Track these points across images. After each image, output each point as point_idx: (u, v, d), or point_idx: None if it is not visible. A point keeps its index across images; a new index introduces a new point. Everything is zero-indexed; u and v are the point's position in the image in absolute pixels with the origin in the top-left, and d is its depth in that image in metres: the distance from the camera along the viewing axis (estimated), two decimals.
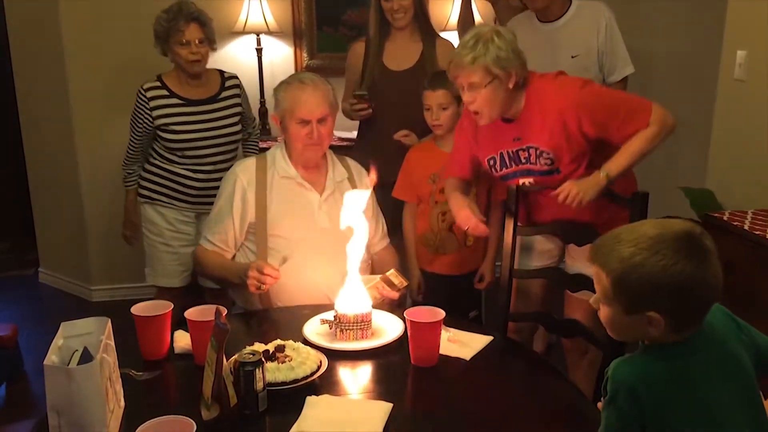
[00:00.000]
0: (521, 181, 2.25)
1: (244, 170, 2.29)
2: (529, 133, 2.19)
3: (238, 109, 2.97)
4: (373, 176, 2.18)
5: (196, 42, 2.78)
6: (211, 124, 2.89)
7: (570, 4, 2.72)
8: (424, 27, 2.91)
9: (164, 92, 2.85)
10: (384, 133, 2.85)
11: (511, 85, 2.12)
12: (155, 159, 2.94)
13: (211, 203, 2.38)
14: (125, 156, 2.98)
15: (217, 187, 2.37)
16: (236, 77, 3.02)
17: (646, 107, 2.13)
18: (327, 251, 2.12)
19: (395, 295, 2.08)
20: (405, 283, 2.11)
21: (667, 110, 2.14)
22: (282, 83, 2.32)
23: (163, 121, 2.83)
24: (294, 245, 2.21)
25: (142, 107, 2.84)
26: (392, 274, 2.10)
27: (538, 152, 2.19)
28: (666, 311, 1.21)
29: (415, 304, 2.30)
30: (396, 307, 2.09)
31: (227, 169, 2.41)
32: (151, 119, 2.83)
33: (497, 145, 2.27)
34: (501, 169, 2.29)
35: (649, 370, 1.24)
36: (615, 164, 2.10)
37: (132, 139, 2.93)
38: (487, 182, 2.62)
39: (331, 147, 2.39)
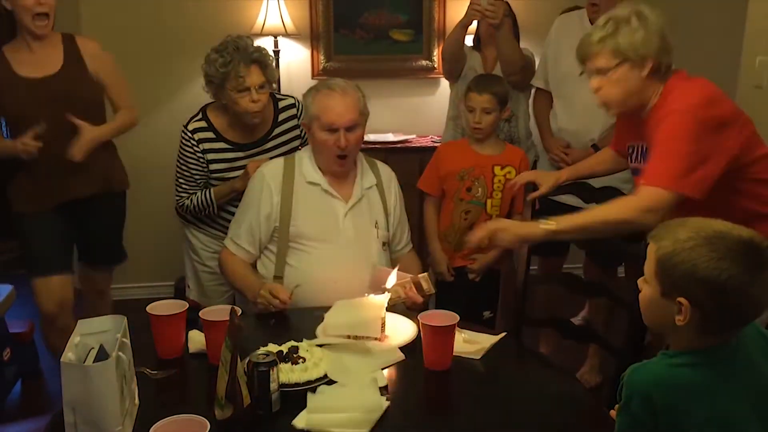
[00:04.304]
0: None
1: (271, 172, 2.25)
2: (648, 130, 1.93)
3: (294, 143, 2.65)
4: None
5: (257, 87, 2.44)
6: None
7: None
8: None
9: (210, 134, 2.55)
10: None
11: (644, 73, 1.87)
12: None
13: None
14: (177, 192, 2.64)
15: None
16: (293, 104, 2.65)
17: (663, 178, 1.81)
18: (348, 261, 2.06)
19: (419, 299, 2.05)
20: (432, 291, 2.08)
21: (663, 211, 1.78)
22: (311, 89, 2.26)
23: (212, 166, 2.59)
24: (315, 253, 2.19)
25: (192, 150, 2.55)
26: (423, 278, 2.07)
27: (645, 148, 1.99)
28: (697, 305, 1.18)
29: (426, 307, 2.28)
30: (413, 309, 2.07)
31: None
32: (205, 162, 2.57)
33: (639, 134, 2.00)
34: (634, 162, 2.06)
35: (666, 376, 1.21)
36: (567, 220, 1.85)
37: (185, 179, 2.61)
38: (511, 193, 2.62)
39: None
